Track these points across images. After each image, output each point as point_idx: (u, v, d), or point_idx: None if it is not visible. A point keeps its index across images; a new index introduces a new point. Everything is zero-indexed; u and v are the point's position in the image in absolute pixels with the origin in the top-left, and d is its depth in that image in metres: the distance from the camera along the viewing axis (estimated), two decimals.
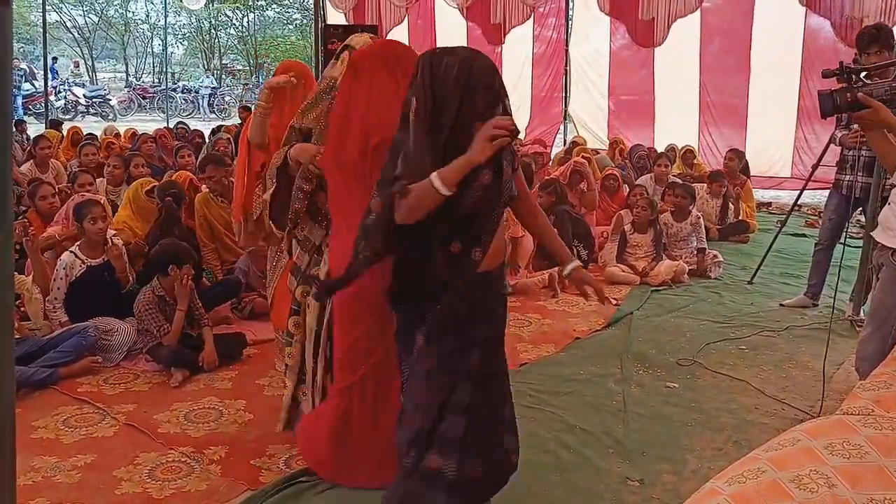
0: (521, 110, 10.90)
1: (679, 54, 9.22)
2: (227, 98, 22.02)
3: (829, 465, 1.69)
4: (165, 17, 21.76)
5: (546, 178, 6.45)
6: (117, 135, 9.65)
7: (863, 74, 2.61)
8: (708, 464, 2.91)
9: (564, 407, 3.41)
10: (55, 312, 4.07)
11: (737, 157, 7.45)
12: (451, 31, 11.35)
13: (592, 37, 10.35)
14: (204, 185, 5.16)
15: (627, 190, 6.72)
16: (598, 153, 8.40)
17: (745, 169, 7.59)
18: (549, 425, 3.21)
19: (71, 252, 4.15)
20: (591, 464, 2.90)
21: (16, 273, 3.92)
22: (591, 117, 10.45)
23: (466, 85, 1.94)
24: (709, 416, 3.33)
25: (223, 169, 5.07)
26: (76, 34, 25.82)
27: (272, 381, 3.69)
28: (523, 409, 3.34)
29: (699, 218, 5.96)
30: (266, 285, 3.48)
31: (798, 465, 1.71)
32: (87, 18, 26.06)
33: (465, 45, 11.19)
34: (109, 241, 4.22)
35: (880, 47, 3.98)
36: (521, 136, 10.26)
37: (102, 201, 4.39)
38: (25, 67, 19.99)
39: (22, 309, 4.01)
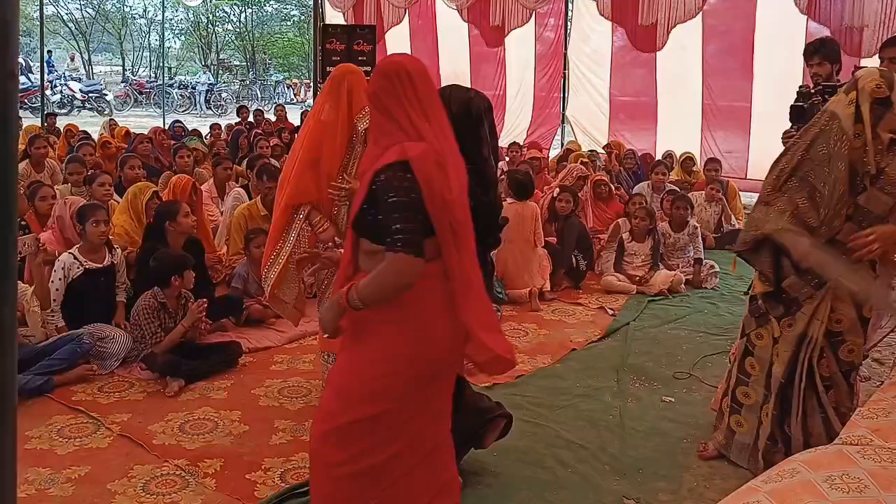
0: (523, 112, 10.86)
1: (681, 57, 9.17)
2: (223, 94, 21.94)
3: (829, 499, 1.69)
4: (163, 11, 21.62)
5: (546, 185, 6.45)
6: (112, 124, 9.60)
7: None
8: (704, 482, 2.92)
9: (561, 421, 3.41)
10: (52, 317, 4.03)
11: (714, 165, 7.35)
12: (452, 32, 11.29)
13: (592, 38, 10.28)
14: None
15: (627, 196, 6.69)
16: (595, 156, 8.34)
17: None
18: (546, 441, 3.21)
19: (70, 253, 4.11)
20: (588, 481, 2.90)
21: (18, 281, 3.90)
22: (590, 121, 10.39)
23: None
24: (705, 432, 3.31)
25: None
26: (73, 27, 25.70)
27: (268, 392, 3.68)
28: (521, 423, 3.33)
29: (697, 228, 5.95)
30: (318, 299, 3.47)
31: (797, 498, 1.70)
32: (83, 12, 25.95)
33: (467, 46, 11.18)
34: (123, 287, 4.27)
35: (821, 59, 4.03)
36: (522, 139, 10.21)
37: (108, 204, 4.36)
38: (22, 61, 19.89)
39: (19, 314, 3.97)
